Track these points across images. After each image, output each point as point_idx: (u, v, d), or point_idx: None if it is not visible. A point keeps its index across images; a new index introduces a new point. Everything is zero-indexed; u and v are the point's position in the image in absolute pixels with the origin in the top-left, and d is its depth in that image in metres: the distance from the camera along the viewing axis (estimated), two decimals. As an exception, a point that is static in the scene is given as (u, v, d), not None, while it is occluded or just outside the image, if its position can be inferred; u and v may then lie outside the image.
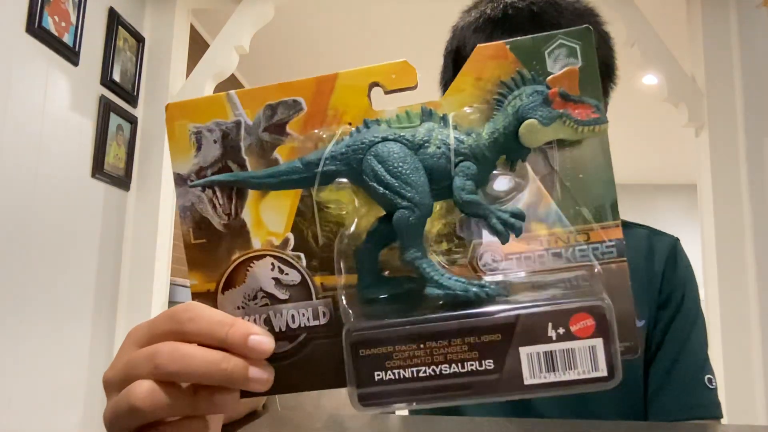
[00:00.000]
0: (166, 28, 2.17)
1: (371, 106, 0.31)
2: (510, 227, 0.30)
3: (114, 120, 1.95)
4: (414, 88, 0.31)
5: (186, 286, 2.47)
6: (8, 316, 1.53)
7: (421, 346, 0.28)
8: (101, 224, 1.92)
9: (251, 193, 0.32)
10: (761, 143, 1.96)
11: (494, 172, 0.31)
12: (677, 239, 0.79)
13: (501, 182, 0.31)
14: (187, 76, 2.18)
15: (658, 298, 0.73)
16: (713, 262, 1.93)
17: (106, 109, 1.91)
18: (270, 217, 0.32)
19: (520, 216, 0.30)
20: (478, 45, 0.31)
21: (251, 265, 0.32)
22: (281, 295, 0.32)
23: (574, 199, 0.30)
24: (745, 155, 1.96)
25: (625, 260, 0.30)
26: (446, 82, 0.77)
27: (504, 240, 0.30)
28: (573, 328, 0.27)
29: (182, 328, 0.31)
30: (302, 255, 0.32)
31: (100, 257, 1.92)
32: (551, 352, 0.28)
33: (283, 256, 0.32)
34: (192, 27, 2.35)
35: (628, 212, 0.90)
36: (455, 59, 0.74)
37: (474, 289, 0.29)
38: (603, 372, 0.27)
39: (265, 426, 0.42)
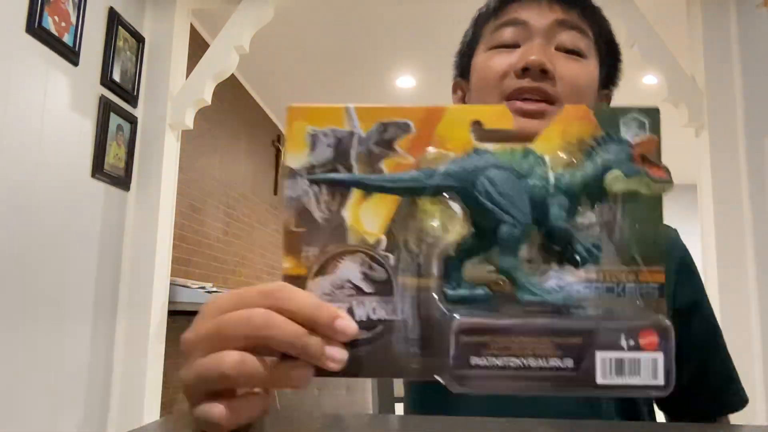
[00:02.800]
0: (166, 28, 2.17)
1: (472, 139, 0.37)
2: (590, 255, 0.36)
3: (114, 120, 1.95)
4: (509, 131, 0.36)
5: (186, 286, 2.47)
6: (8, 315, 1.53)
7: (515, 339, 0.34)
8: (101, 224, 1.92)
9: (354, 195, 0.36)
10: (761, 143, 1.96)
11: (578, 208, 0.36)
12: (675, 230, 0.76)
13: (582, 219, 0.36)
14: (187, 76, 2.18)
15: None
16: (713, 262, 1.94)
17: (106, 109, 1.91)
18: (368, 218, 0.36)
19: (599, 248, 0.36)
20: (566, 105, 0.37)
21: (343, 257, 0.36)
22: (367, 288, 0.36)
23: (629, 244, 0.36)
24: (745, 155, 1.96)
25: (663, 299, 0.35)
26: (463, 52, 0.77)
27: (581, 265, 0.36)
28: (641, 342, 0.33)
29: (275, 302, 0.34)
30: (391, 256, 0.36)
31: (100, 257, 1.92)
32: (622, 359, 0.33)
33: (374, 255, 0.36)
34: (192, 27, 2.36)
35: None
36: (475, 23, 0.75)
37: (562, 297, 0.35)
38: (661, 381, 0.33)
39: (265, 426, 0.42)
